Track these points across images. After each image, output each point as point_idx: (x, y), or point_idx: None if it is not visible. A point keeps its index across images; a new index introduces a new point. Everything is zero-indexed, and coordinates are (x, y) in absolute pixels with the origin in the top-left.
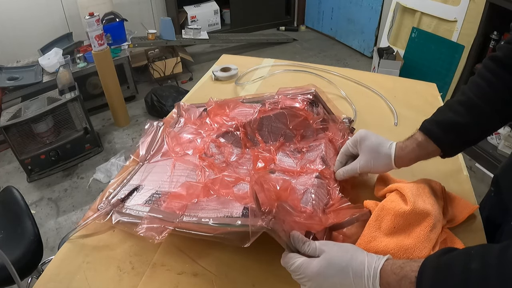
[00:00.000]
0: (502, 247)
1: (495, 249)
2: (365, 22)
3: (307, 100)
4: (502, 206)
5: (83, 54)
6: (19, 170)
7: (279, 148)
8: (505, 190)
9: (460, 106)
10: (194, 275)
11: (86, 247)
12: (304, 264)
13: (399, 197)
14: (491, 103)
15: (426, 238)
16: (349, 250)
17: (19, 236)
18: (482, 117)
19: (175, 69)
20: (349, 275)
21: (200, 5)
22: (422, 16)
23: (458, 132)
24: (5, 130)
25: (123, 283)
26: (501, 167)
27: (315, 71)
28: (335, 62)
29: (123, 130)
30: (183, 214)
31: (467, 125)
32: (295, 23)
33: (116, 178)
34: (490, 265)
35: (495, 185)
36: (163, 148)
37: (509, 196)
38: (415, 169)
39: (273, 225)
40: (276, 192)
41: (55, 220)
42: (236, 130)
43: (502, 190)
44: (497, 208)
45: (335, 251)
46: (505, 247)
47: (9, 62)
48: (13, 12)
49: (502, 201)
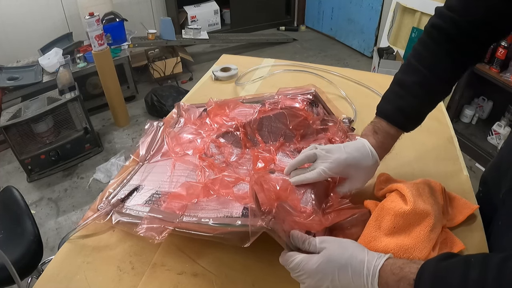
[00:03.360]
0: (503, 258)
1: (495, 259)
2: (365, 22)
3: (307, 100)
4: (491, 207)
5: (83, 54)
6: (19, 170)
7: (279, 148)
8: (493, 190)
9: (419, 88)
10: (194, 275)
11: (86, 247)
12: (303, 261)
13: (399, 197)
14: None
15: (426, 238)
16: (349, 247)
17: (19, 236)
18: (438, 93)
19: (175, 69)
20: (348, 272)
21: (200, 5)
22: (422, 16)
23: (422, 115)
24: (5, 130)
25: (123, 283)
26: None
27: (315, 71)
28: (335, 62)
29: (123, 130)
30: (183, 214)
31: (428, 105)
32: (295, 23)
33: (116, 178)
34: (489, 276)
35: (483, 185)
36: (163, 148)
37: (496, 196)
38: (415, 169)
39: (273, 225)
40: (276, 192)
41: (55, 220)
42: (236, 130)
43: (490, 191)
44: (486, 208)
45: (335, 247)
46: (505, 258)
47: (9, 62)
48: (13, 12)
49: (490, 201)
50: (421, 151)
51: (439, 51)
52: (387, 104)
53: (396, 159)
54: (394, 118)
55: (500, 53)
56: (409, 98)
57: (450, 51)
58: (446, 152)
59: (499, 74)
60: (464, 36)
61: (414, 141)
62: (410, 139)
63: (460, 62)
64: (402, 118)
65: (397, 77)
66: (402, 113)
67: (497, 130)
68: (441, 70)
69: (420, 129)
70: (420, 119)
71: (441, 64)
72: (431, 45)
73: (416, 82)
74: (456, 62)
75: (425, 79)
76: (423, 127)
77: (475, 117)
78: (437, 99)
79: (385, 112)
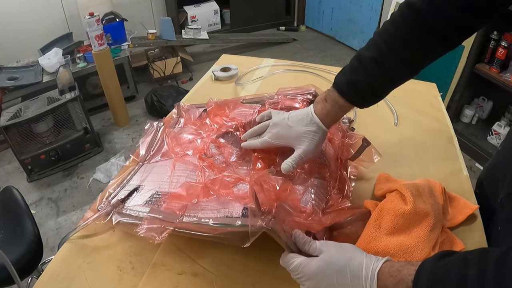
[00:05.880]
0: (500, 254)
1: (493, 255)
2: (365, 22)
3: (307, 100)
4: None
5: (83, 54)
6: (19, 170)
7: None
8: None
9: (374, 64)
10: (194, 275)
11: (86, 247)
12: (302, 263)
13: (399, 197)
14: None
15: (426, 238)
16: (348, 251)
17: (19, 236)
18: (394, 74)
19: (175, 69)
20: (346, 275)
21: (200, 5)
22: None
23: (375, 92)
24: (5, 130)
25: (123, 283)
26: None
27: (315, 71)
28: (335, 62)
29: (123, 130)
30: (183, 215)
31: (383, 84)
32: (295, 23)
33: (116, 179)
34: (487, 273)
35: (479, 188)
36: (163, 148)
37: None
38: (415, 169)
39: (273, 225)
40: (276, 192)
41: (55, 220)
42: (236, 131)
43: (487, 194)
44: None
45: (334, 251)
46: (503, 254)
47: (9, 62)
48: (13, 12)
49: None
50: (421, 151)
51: (407, 31)
52: (342, 75)
53: (396, 159)
54: (344, 91)
55: (500, 53)
56: (362, 73)
57: (420, 33)
58: (446, 152)
59: (499, 74)
60: (439, 17)
61: (414, 141)
62: (410, 139)
63: (430, 47)
64: (353, 92)
65: (359, 51)
66: (352, 87)
67: (497, 130)
68: (403, 51)
69: (420, 129)
70: (373, 97)
71: (404, 44)
72: (400, 23)
73: (373, 59)
74: (424, 46)
75: (382, 57)
76: (423, 127)
77: (475, 117)
78: (393, 80)
79: (337, 83)
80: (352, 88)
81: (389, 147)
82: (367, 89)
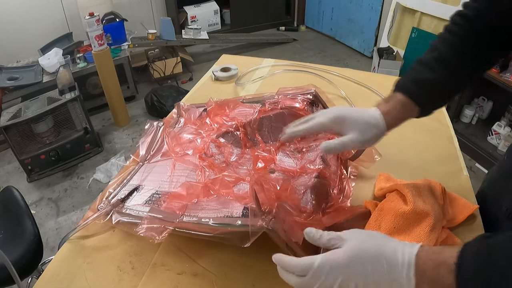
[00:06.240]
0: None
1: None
2: (365, 22)
3: (307, 100)
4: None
5: (83, 54)
6: (19, 170)
7: (279, 148)
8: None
9: (436, 63)
10: (194, 275)
11: (86, 247)
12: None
13: (399, 197)
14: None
15: (426, 238)
16: (376, 236)
17: (19, 236)
18: (457, 74)
19: (175, 69)
20: (382, 263)
21: (200, 5)
22: (422, 16)
23: (437, 90)
24: (5, 130)
25: (123, 283)
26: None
27: (315, 71)
28: (335, 62)
29: (123, 130)
30: (183, 214)
31: (444, 82)
32: (295, 23)
33: (116, 178)
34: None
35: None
36: (163, 148)
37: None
38: (415, 169)
39: (273, 225)
40: (276, 192)
41: (55, 220)
42: (236, 130)
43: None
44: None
45: (361, 236)
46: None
47: (9, 62)
48: (13, 12)
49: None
50: (421, 151)
51: (464, 36)
52: (404, 77)
53: (396, 159)
54: (407, 87)
55: None
56: (425, 71)
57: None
58: (446, 152)
59: (499, 74)
60: (488, 26)
61: (414, 141)
62: (410, 139)
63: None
64: (415, 87)
65: (418, 58)
66: (415, 83)
67: (497, 130)
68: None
69: (420, 129)
70: (436, 97)
71: (463, 48)
72: (456, 30)
73: (434, 57)
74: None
75: (441, 56)
76: (423, 127)
77: (475, 117)
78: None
79: (400, 83)
80: (415, 84)
81: (389, 147)
82: (430, 85)
